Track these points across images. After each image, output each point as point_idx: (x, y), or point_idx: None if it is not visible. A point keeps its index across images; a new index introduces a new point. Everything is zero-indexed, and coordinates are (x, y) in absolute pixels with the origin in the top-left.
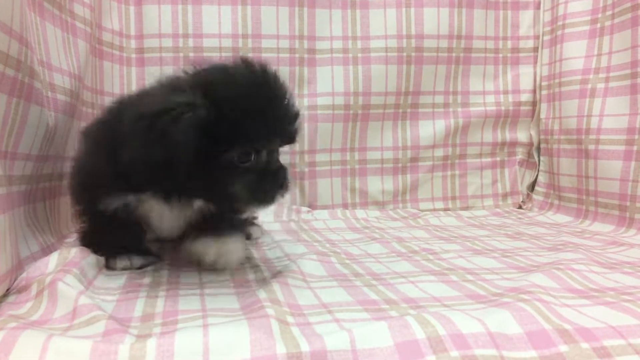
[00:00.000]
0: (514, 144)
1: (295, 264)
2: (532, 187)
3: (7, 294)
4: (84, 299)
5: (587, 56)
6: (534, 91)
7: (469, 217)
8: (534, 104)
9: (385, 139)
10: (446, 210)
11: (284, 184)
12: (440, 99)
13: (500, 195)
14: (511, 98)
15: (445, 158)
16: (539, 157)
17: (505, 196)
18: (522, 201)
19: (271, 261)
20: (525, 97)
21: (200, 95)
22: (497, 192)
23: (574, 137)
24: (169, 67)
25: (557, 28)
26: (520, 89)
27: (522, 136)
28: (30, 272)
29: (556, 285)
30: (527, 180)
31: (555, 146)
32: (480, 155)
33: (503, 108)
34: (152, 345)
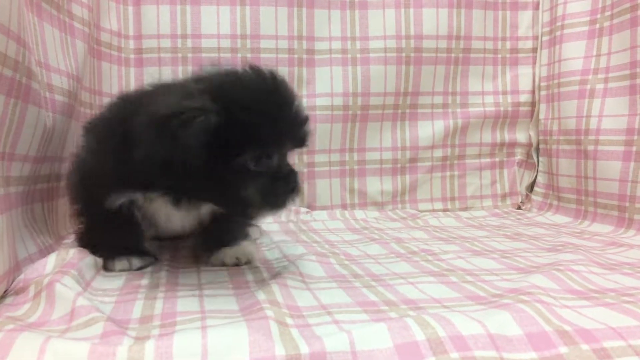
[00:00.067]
0: (513, 144)
1: (294, 265)
2: (531, 187)
3: (4, 295)
4: (82, 301)
5: (586, 57)
6: (533, 92)
7: (468, 218)
8: (533, 104)
9: (384, 139)
10: (445, 210)
11: (295, 187)
12: (439, 100)
13: (499, 196)
14: (510, 99)
15: (444, 159)
16: (538, 157)
17: (504, 197)
18: (521, 202)
19: (270, 262)
20: (524, 98)
21: (211, 99)
22: (496, 193)
23: (573, 137)
24: (167, 67)
25: (556, 29)
26: (519, 90)
27: (521, 137)
28: (28, 274)
29: (556, 286)
30: (526, 181)
31: (554, 147)
32: (479, 156)
33: (502, 109)
34: (151, 347)
